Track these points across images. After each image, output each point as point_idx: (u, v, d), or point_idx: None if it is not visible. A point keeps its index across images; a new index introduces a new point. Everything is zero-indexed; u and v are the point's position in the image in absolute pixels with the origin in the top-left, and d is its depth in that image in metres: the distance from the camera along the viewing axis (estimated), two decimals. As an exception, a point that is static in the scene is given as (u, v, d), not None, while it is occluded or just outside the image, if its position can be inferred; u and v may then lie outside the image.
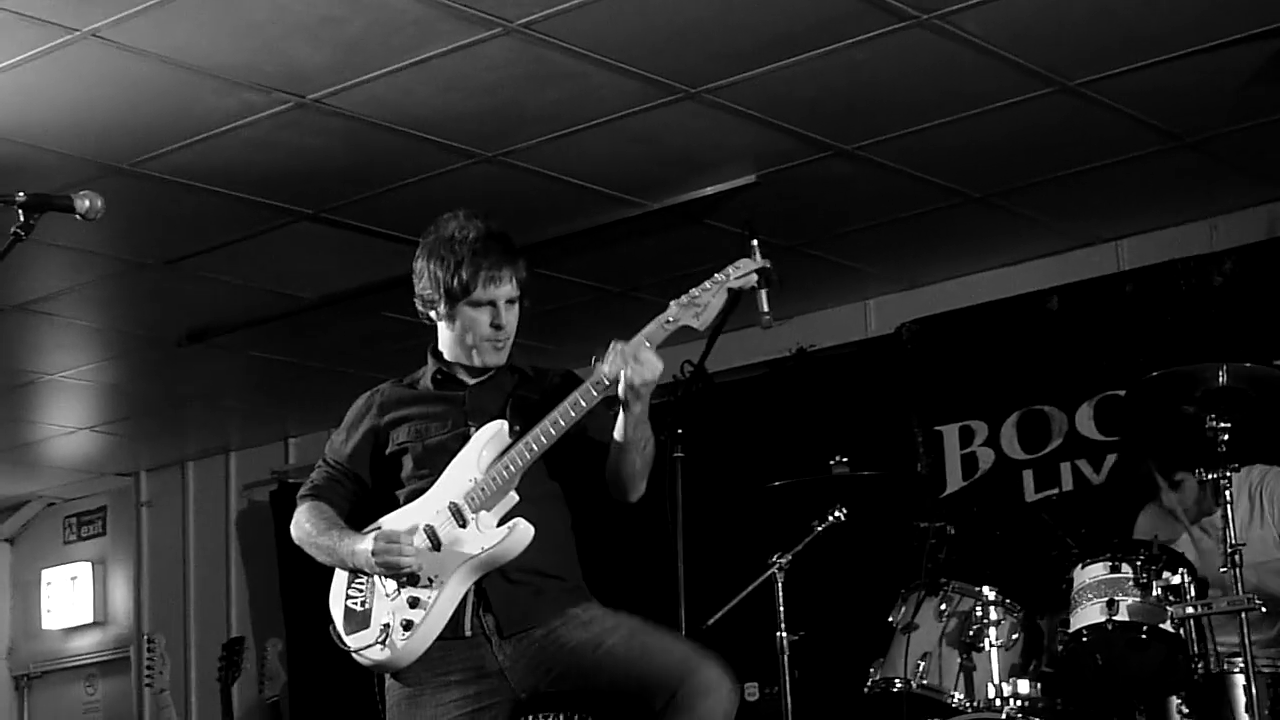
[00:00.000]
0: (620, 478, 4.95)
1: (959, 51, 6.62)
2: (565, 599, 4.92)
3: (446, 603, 4.82)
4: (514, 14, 6.18)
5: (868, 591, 7.27)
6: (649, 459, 4.94)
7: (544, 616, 4.86)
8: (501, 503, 4.84)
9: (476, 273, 4.97)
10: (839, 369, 9.55)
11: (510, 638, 4.85)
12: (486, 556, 4.80)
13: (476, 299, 5.00)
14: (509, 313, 5.05)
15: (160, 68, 6.41)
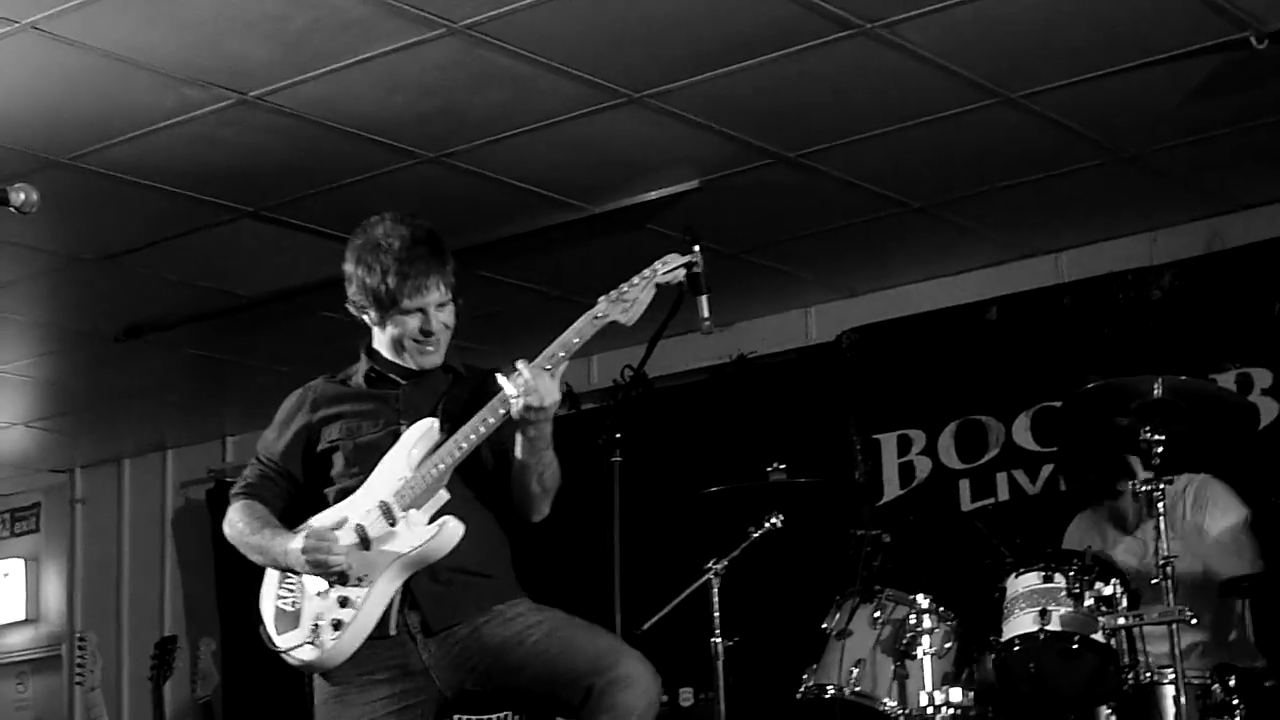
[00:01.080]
0: (519, 496, 4.98)
1: (902, 62, 6.65)
2: (491, 596, 4.91)
3: (376, 602, 4.80)
4: (458, 15, 6.18)
5: (803, 598, 7.27)
6: (549, 485, 4.99)
7: (469, 614, 4.85)
8: (431, 501, 4.82)
9: (403, 282, 4.98)
10: (779, 376, 9.57)
11: (435, 636, 4.84)
12: (416, 555, 4.78)
13: (405, 307, 5.01)
14: (440, 316, 5.06)
15: (101, 62, 6.38)
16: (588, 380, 10.28)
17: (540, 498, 4.96)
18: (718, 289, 6.17)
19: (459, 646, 4.84)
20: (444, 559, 4.81)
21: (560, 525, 9.68)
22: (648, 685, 4.77)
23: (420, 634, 4.85)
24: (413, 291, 4.98)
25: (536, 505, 4.99)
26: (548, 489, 4.96)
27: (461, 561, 4.85)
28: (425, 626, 4.85)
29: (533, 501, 4.97)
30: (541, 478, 4.92)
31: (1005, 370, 8.82)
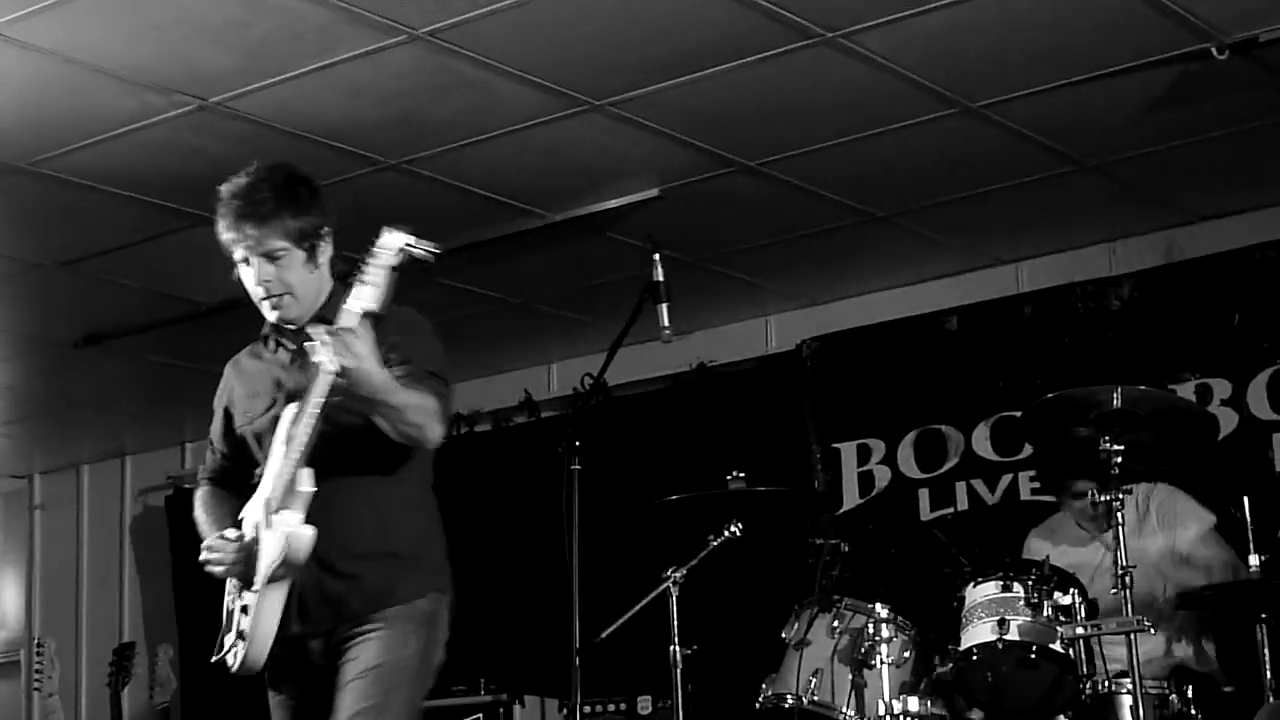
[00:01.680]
0: (398, 440, 4.60)
1: (863, 71, 6.66)
2: (380, 592, 4.67)
3: (270, 608, 4.62)
4: (419, 22, 6.17)
5: (762, 607, 7.27)
6: (416, 419, 4.54)
7: (352, 611, 4.66)
8: (297, 498, 4.55)
9: (225, 233, 4.78)
10: (738, 384, 9.57)
11: (321, 636, 4.69)
12: (278, 565, 4.55)
13: (239, 259, 4.79)
14: (269, 269, 4.75)
15: (61, 66, 6.35)
16: (547, 388, 10.30)
17: (414, 431, 4.56)
18: (678, 297, 6.20)
19: (337, 652, 4.68)
20: (327, 552, 4.58)
21: (518, 533, 9.77)
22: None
23: (313, 635, 4.69)
24: (231, 242, 4.76)
25: (414, 438, 4.59)
26: (417, 422, 4.55)
27: (350, 549, 4.66)
28: (314, 625, 4.67)
29: (408, 438, 4.58)
30: (401, 421, 4.52)
31: (965, 380, 8.83)
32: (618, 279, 8.46)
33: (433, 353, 4.84)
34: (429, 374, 4.71)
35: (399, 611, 4.69)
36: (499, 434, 10.46)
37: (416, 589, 4.77)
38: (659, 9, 6.19)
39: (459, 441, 10.56)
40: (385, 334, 4.63)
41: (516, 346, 10.07)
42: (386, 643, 4.64)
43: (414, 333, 4.84)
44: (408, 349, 4.72)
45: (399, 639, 4.66)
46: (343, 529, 4.63)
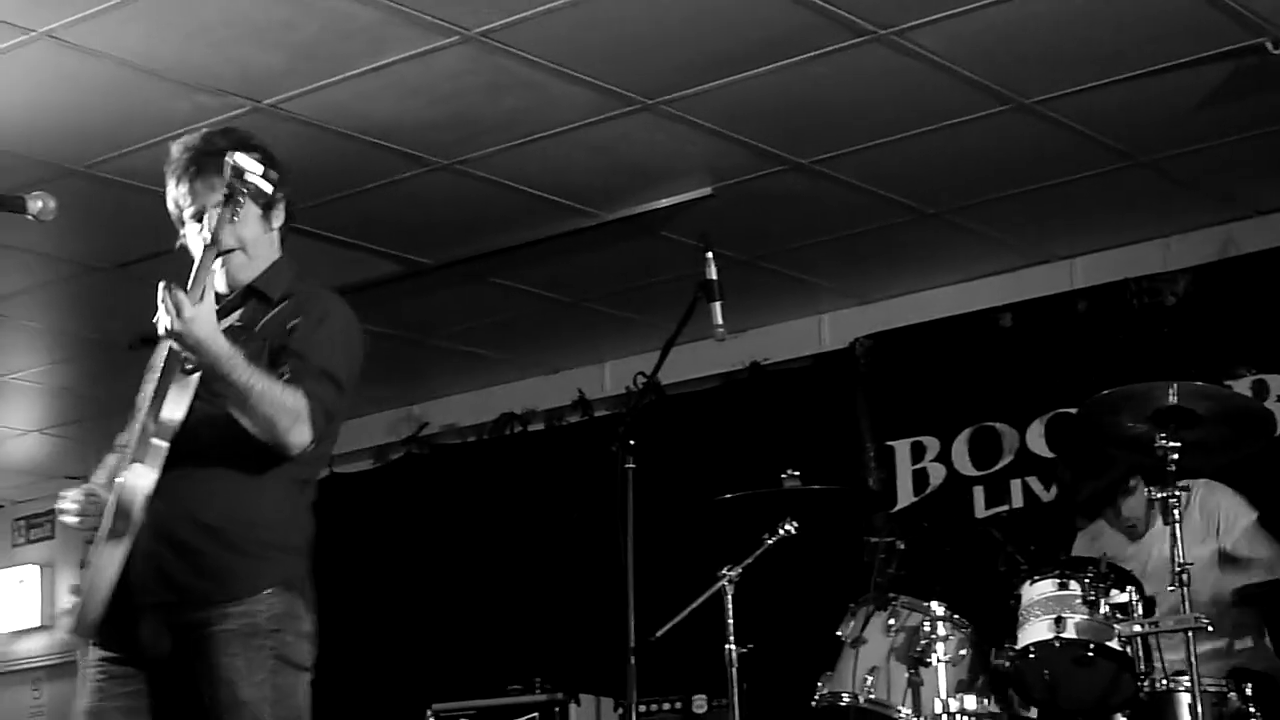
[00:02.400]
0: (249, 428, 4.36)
1: (915, 68, 6.64)
2: (213, 573, 4.40)
3: (106, 564, 4.34)
4: (472, 22, 6.18)
5: (817, 605, 7.25)
6: (268, 409, 4.31)
7: (181, 590, 4.38)
8: (150, 452, 4.31)
9: (175, 183, 4.71)
10: (792, 383, 9.56)
11: (153, 622, 4.41)
12: (115, 520, 4.30)
13: (189, 211, 4.68)
14: (195, 227, 4.62)
15: (116, 70, 6.39)
16: (600, 387, 10.29)
17: (264, 428, 4.32)
18: (731, 296, 6.19)
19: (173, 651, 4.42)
20: (168, 520, 4.35)
21: (572, 532, 9.77)
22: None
23: (142, 605, 4.40)
24: (183, 190, 4.67)
25: (266, 435, 4.34)
26: (268, 416, 4.29)
27: (176, 526, 4.38)
28: (139, 597, 4.40)
29: (261, 431, 4.33)
30: (248, 410, 4.28)
31: (1019, 376, 8.79)
32: (670, 278, 8.45)
33: (333, 350, 4.56)
34: (320, 373, 4.45)
35: (238, 622, 4.39)
36: (552, 433, 10.47)
37: (257, 579, 4.45)
38: (711, 7, 6.18)
39: (513, 441, 10.59)
40: (296, 313, 4.50)
41: (569, 346, 10.07)
42: (229, 685, 4.36)
43: (322, 323, 4.59)
44: (307, 340, 4.50)
45: (241, 672, 4.37)
46: (188, 499, 4.39)
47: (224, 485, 4.44)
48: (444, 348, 10.02)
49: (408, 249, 8.44)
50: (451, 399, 10.92)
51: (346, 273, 8.62)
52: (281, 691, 4.44)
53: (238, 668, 4.36)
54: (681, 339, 6.13)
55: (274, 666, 4.43)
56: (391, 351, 9.99)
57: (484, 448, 10.73)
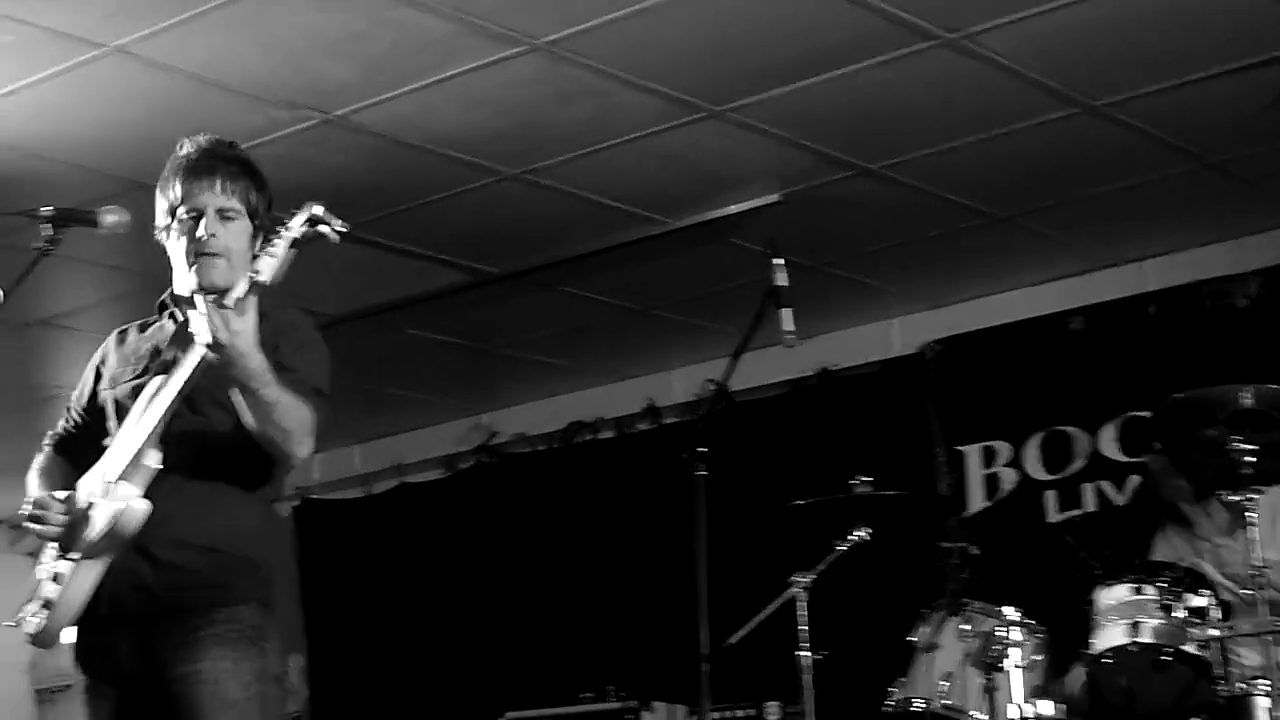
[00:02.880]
0: (259, 438, 4.36)
1: (984, 71, 6.62)
2: (194, 586, 4.39)
3: (82, 579, 4.34)
4: (539, 32, 6.19)
5: (890, 611, 7.25)
6: (286, 424, 4.31)
7: (161, 606, 4.37)
8: (139, 471, 4.32)
9: (182, 177, 4.63)
10: (862, 388, 9.54)
11: (131, 636, 4.40)
12: (104, 539, 4.30)
13: (184, 207, 4.59)
14: (218, 227, 4.58)
15: (186, 83, 6.42)
16: (669, 395, 10.30)
17: (280, 437, 4.33)
18: (799, 302, 6.19)
19: (154, 667, 4.39)
20: (149, 537, 4.33)
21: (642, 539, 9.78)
22: None
23: (125, 620, 4.39)
24: (192, 187, 4.61)
25: (278, 446, 4.35)
26: (286, 427, 4.31)
27: (157, 544, 4.36)
28: (116, 610, 4.39)
29: (272, 441, 4.33)
30: (269, 421, 4.28)
31: (1090, 380, 8.76)
32: (739, 284, 8.44)
33: (321, 370, 4.60)
34: (314, 391, 4.46)
35: (226, 627, 4.40)
36: (622, 441, 10.48)
37: (243, 591, 4.47)
38: (778, 14, 6.17)
39: (582, 449, 10.61)
40: (276, 334, 4.47)
41: (638, 353, 10.08)
42: (215, 685, 4.35)
43: (305, 344, 4.62)
44: (298, 358, 4.52)
45: (229, 672, 4.37)
46: (174, 518, 4.36)
47: (210, 505, 4.45)
48: (512, 357, 10.04)
49: (476, 258, 8.46)
50: (520, 408, 10.95)
51: (415, 283, 8.68)
52: (266, 699, 4.45)
53: (225, 668, 4.36)
54: (750, 345, 6.13)
55: (259, 673, 4.44)
56: (460, 361, 10.03)
57: (553, 456, 10.76)
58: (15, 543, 13.39)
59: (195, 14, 5.94)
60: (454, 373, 10.29)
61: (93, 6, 5.90)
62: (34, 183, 7.00)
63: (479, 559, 10.78)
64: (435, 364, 10.09)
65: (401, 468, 11.43)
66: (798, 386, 9.73)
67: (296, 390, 4.35)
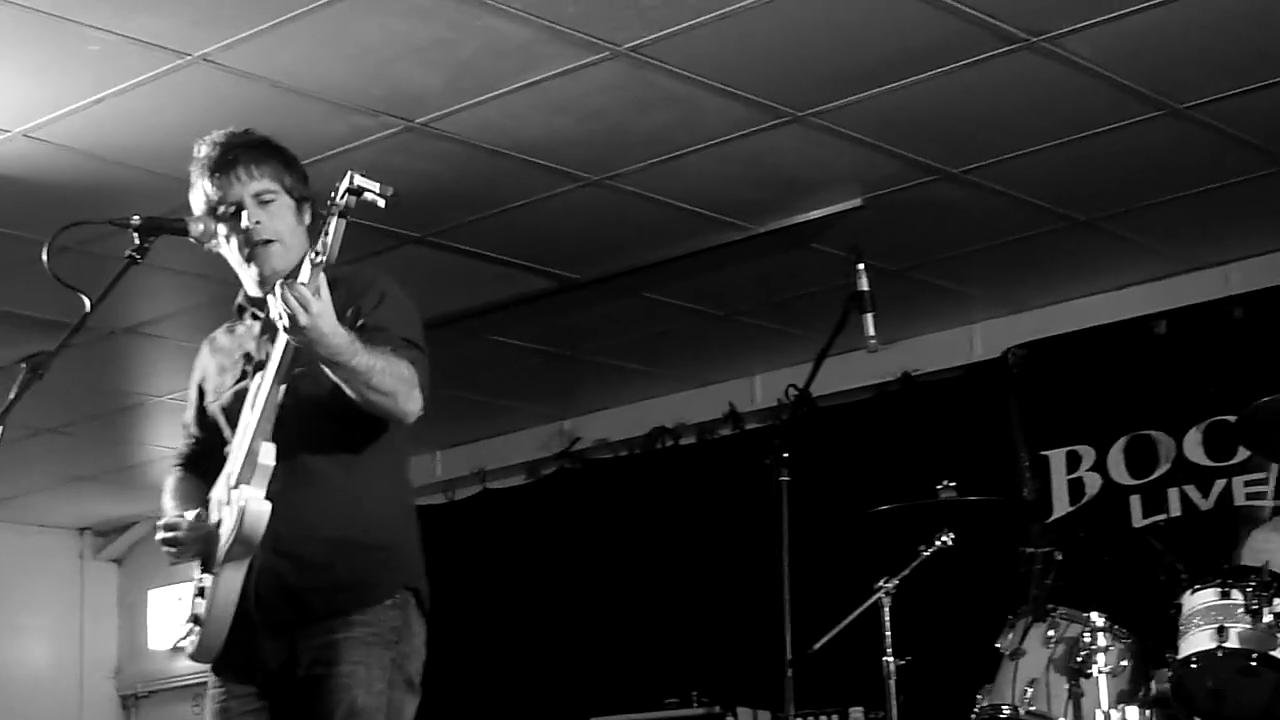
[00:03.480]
0: (367, 409, 4.33)
1: (1068, 75, 6.59)
2: (341, 587, 4.39)
3: (225, 592, 4.35)
4: (622, 38, 6.20)
5: (974, 617, 7.22)
6: (386, 387, 4.28)
7: (311, 612, 4.38)
8: (256, 472, 4.29)
9: (213, 174, 4.59)
10: (944, 393, 9.51)
11: (279, 639, 4.42)
12: (235, 544, 4.29)
13: (222, 203, 4.56)
14: (261, 213, 4.56)
15: (271, 92, 6.46)
16: (751, 400, 10.29)
17: (385, 400, 4.30)
18: (882, 306, 6.18)
19: (297, 667, 4.41)
20: (286, 537, 4.35)
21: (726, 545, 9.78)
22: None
23: (267, 628, 4.41)
24: (221, 183, 4.56)
25: (386, 409, 4.32)
26: (387, 389, 4.28)
27: (296, 543, 4.38)
28: (265, 617, 4.39)
29: (379, 408, 4.31)
30: (368, 387, 4.25)
31: (1175, 384, 8.70)
32: (821, 289, 8.45)
33: (408, 319, 4.57)
34: (405, 342, 4.43)
35: (364, 631, 4.39)
36: (704, 447, 10.48)
37: (384, 587, 4.45)
38: (860, 18, 6.16)
39: (664, 455, 10.61)
40: (352, 296, 4.45)
41: (720, 359, 10.07)
42: (348, 691, 4.34)
43: (384, 297, 4.56)
44: (379, 314, 4.48)
45: (361, 679, 4.36)
46: (303, 512, 4.39)
47: (336, 492, 4.44)
48: (595, 362, 10.05)
49: (558, 265, 8.48)
50: (603, 414, 10.96)
51: (497, 289, 8.70)
52: (394, 706, 4.43)
53: (359, 675, 4.35)
54: (833, 350, 6.13)
55: (392, 679, 4.43)
56: (543, 367, 10.05)
57: (635, 462, 10.76)
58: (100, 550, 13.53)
59: (279, 22, 5.98)
60: (536, 378, 10.31)
61: (178, 16, 5.95)
62: (119, 191, 7.06)
63: (562, 565, 10.80)
64: (518, 370, 10.12)
65: (484, 474, 11.45)
66: (881, 392, 9.71)
67: (387, 348, 4.33)
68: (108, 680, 13.61)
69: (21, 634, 13.04)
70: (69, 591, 13.56)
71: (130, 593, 13.47)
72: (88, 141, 6.87)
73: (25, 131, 6.76)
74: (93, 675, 13.55)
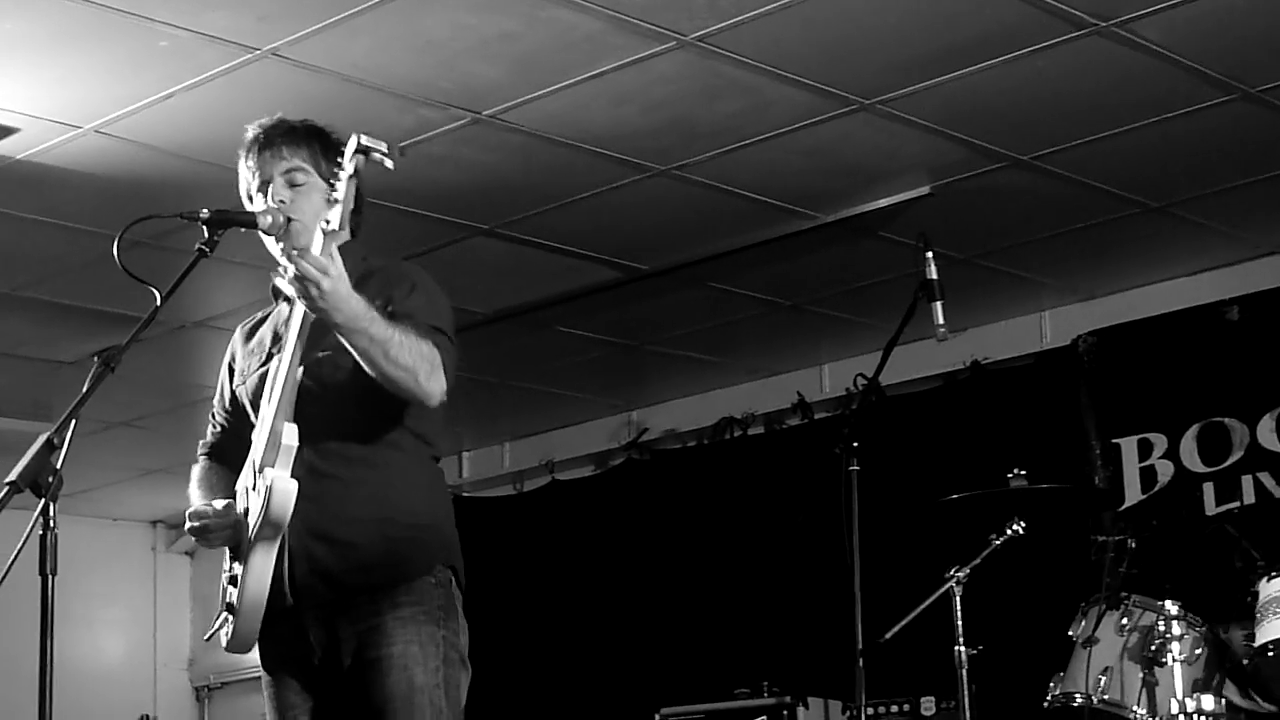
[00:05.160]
0: (388, 387, 4.27)
1: (1138, 59, 6.54)
2: (378, 565, 4.34)
3: (256, 577, 4.26)
4: (688, 28, 6.19)
5: (1046, 606, 7.20)
6: (405, 362, 4.21)
7: (348, 589, 4.34)
8: (280, 453, 4.21)
9: (248, 159, 4.59)
10: (1014, 381, 9.47)
11: (320, 623, 4.38)
12: (264, 525, 4.20)
13: (260, 182, 4.56)
14: (289, 191, 4.52)
15: (339, 85, 6.48)
16: (820, 389, 10.27)
17: (404, 376, 4.23)
18: (951, 295, 6.15)
19: (343, 650, 4.36)
20: (318, 518, 4.31)
21: (795, 535, 9.77)
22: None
23: (309, 610, 4.36)
24: (257, 162, 4.57)
25: (406, 387, 4.25)
26: (406, 364, 4.21)
27: (328, 523, 4.34)
28: (302, 601, 4.35)
29: (399, 384, 4.24)
30: (386, 360, 4.19)
31: (1248, 371, 8.64)
32: (889, 278, 8.42)
33: (437, 308, 4.50)
34: (432, 329, 4.36)
35: (411, 610, 4.34)
36: (772, 437, 10.47)
37: (421, 563, 4.40)
38: (928, 4, 6.14)
39: (732, 445, 10.60)
40: (385, 287, 4.44)
41: (788, 349, 10.06)
42: (404, 670, 4.30)
43: (416, 288, 4.51)
44: (408, 303, 4.43)
45: (416, 658, 4.32)
46: (333, 493, 4.34)
47: (366, 473, 4.40)
48: (662, 353, 10.05)
49: (625, 255, 8.48)
50: (671, 404, 10.96)
51: (565, 280, 8.70)
52: (450, 683, 4.38)
53: (413, 654, 4.30)
54: (901, 339, 6.11)
55: (445, 655, 4.37)
56: (610, 358, 10.05)
57: (704, 452, 10.76)
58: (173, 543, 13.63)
59: (347, 16, 5.99)
60: (604, 369, 10.32)
61: (246, 10, 5.98)
62: (190, 186, 7.07)
63: (631, 556, 10.80)
64: (585, 361, 10.12)
65: (552, 465, 11.47)
66: (950, 380, 9.67)
67: (412, 329, 4.28)
68: (181, 672, 13.68)
69: (96, 627, 13.12)
70: (142, 584, 13.65)
71: (203, 585, 13.53)
72: (158, 137, 6.91)
73: (97, 127, 6.81)
74: (166, 667, 13.64)
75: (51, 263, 8.14)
